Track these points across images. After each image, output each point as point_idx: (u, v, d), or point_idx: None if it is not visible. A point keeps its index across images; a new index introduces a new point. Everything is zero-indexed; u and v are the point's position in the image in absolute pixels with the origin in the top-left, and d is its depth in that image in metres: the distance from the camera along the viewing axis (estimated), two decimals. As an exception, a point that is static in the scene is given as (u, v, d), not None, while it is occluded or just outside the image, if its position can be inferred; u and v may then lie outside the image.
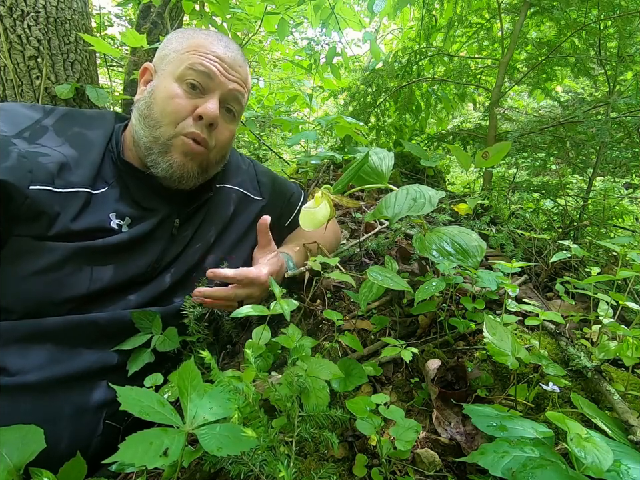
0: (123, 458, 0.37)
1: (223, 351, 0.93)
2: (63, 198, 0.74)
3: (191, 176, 0.84)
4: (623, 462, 0.47)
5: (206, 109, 0.80)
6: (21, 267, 0.70)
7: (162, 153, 0.81)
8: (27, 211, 0.70)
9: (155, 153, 0.81)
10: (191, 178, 0.85)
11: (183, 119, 0.80)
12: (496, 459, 0.47)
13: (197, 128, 0.81)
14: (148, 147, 0.82)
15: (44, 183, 0.72)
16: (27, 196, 0.69)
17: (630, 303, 0.75)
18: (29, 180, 0.70)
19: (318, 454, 0.61)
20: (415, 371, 0.79)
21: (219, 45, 0.84)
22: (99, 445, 0.72)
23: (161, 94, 0.81)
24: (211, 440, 0.43)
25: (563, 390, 0.69)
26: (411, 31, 2.56)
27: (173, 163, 0.81)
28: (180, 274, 0.87)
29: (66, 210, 0.74)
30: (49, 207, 0.71)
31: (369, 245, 1.23)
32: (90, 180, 0.78)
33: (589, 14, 1.41)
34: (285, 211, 1.15)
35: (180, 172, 0.82)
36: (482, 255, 0.77)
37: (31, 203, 0.70)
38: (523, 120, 1.80)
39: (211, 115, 0.80)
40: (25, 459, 0.53)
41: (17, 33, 1.42)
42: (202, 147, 0.83)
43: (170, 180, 0.83)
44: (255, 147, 3.22)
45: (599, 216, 1.32)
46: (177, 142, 0.81)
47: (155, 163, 0.82)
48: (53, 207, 0.72)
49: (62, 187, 0.74)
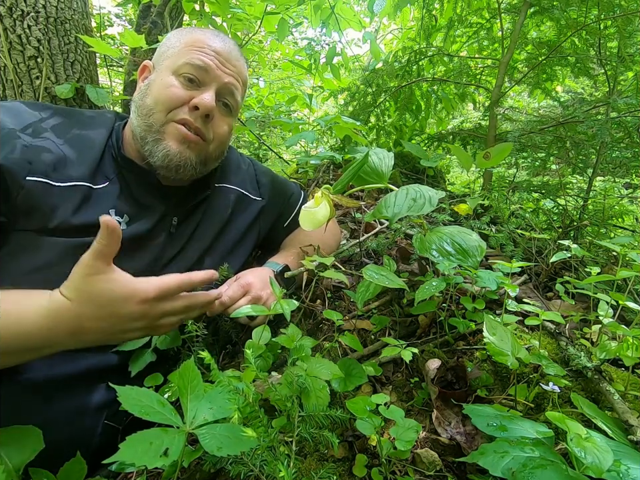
0: (123, 458, 0.37)
1: (223, 351, 0.93)
2: (61, 192, 0.74)
3: (188, 165, 0.83)
4: (623, 462, 0.47)
5: (202, 99, 0.80)
6: (22, 262, 0.70)
7: (156, 140, 0.81)
8: (21, 203, 0.70)
9: (149, 142, 0.81)
10: (189, 168, 0.83)
11: (177, 107, 0.81)
12: (496, 459, 0.47)
13: (191, 116, 0.81)
14: (142, 136, 0.82)
15: (41, 175, 0.72)
16: (22, 186, 0.69)
17: (630, 303, 0.75)
18: (27, 170, 0.70)
19: (318, 454, 0.61)
20: (415, 370, 0.79)
21: (215, 39, 0.86)
22: (99, 445, 0.72)
23: (157, 85, 0.82)
24: (211, 440, 0.43)
25: (563, 390, 0.69)
26: (411, 30, 2.56)
27: (168, 151, 0.80)
28: (180, 271, 0.87)
29: (65, 204, 0.74)
30: (44, 200, 0.71)
31: (369, 245, 1.23)
32: (90, 175, 0.78)
33: (589, 14, 1.41)
34: (284, 211, 1.15)
35: (177, 160, 0.81)
36: (482, 254, 0.77)
37: (26, 194, 0.70)
38: (523, 120, 1.80)
39: (206, 105, 0.80)
40: (24, 459, 0.53)
41: (17, 33, 1.42)
42: (197, 136, 0.82)
43: (167, 170, 0.82)
44: (255, 147, 3.22)
45: (598, 216, 1.32)
46: (169, 128, 0.81)
47: (151, 152, 0.81)
48: (50, 201, 0.72)
49: (60, 180, 0.74)
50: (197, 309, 0.73)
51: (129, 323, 0.64)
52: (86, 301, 0.60)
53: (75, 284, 0.60)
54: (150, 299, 0.64)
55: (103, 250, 0.60)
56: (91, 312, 0.60)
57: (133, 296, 0.62)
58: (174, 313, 0.69)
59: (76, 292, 0.60)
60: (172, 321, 0.70)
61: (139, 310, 0.63)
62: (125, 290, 0.62)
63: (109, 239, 0.60)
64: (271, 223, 1.12)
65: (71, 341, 0.62)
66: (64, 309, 0.60)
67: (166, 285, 0.66)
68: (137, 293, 0.63)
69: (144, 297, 0.63)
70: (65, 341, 0.62)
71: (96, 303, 0.61)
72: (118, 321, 0.63)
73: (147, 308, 0.64)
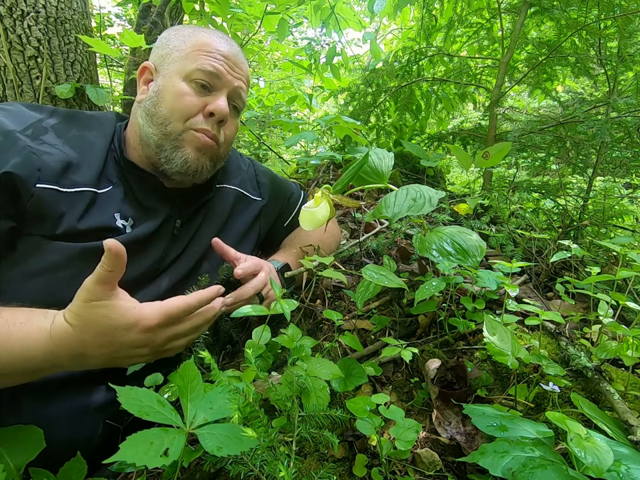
0: (123, 458, 0.37)
1: (223, 351, 0.93)
2: (68, 198, 0.74)
3: (204, 169, 0.86)
4: (623, 462, 0.47)
5: (218, 106, 0.82)
6: (28, 266, 0.70)
7: (174, 148, 0.82)
8: (30, 210, 0.70)
9: (167, 149, 0.82)
10: (204, 172, 0.86)
11: (193, 116, 0.82)
12: (496, 459, 0.47)
13: (208, 125, 0.83)
14: (159, 144, 0.82)
15: (51, 182, 0.72)
16: (32, 194, 0.70)
17: (630, 303, 0.75)
18: (36, 178, 0.71)
19: (318, 454, 0.61)
20: (415, 370, 0.79)
21: (221, 42, 0.86)
22: (99, 445, 0.72)
23: (169, 92, 0.82)
24: (211, 440, 0.43)
25: (563, 390, 0.69)
26: (411, 30, 2.55)
27: (187, 158, 0.82)
28: (180, 275, 0.87)
29: (72, 210, 0.74)
30: (53, 206, 0.72)
31: (369, 244, 1.23)
32: (94, 179, 0.79)
33: (589, 14, 1.41)
34: (284, 211, 1.15)
35: (195, 166, 0.83)
36: (482, 254, 0.77)
37: (35, 201, 0.70)
38: (523, 120, 1.80)
39: (222, 112, 0.82)
40: (25, 459, 0.53)
41: (17, 33, 1.42)
42: (212, 141, 0.84)
43: (185, 175, 0.84)
44: (255, 147, 3.22)
45: (598, 216, 1.32)
46: (188, 136, 0.82)
47: (169, 159, 0.82)
48: (58, 207, 0.72)
49: (68, 186, 0.75)
50: (206, 325, 0.71)
51: (131, 350, 0.62)
52: (86, 327, 0.58)
53: (76, 309, 0.59)
54: (153, 327, 0.61)
55: (105, 275, 0.58)
56: (91, 339, 0.59)
57: (134, 324, 0.60)
58: (181, 335, 0.67)
59: (77, 318, 0.58)
60: (180, 344, 0.68)
61: (141, 338, 0.61)
62: (126, 318, 0.60)
63: (113, 264, 0.58)
64: (271, 223, 1.12)
65: (74, 364, 0.61)
66: (66, 335, 0.58)
67: (170, 311, 0.63)
68: (139, 321, 0.60)
69: (147, 326, 0.61)
70: (68, 363, 0.61)
71: (97, 331, 0.59)
72: (120, 348, 0.61)
73: (151, 336, 0.62)
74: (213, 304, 0.71)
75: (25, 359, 0.57)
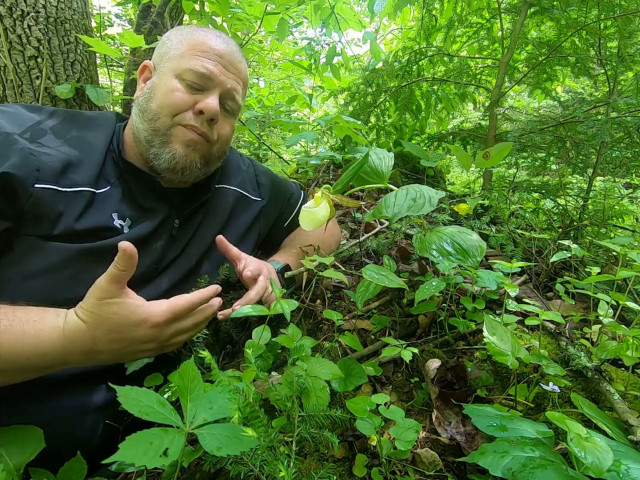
0: (123, 458, 0.37)
1: (223, 351, 0.93)
2: (67, 197, 0.74)
3: (194, 167, 0.85)
4: (623, 462, 0.47)
5: (207, 104, 0.81)
6: (26, 266, 0.70)
7: (163, 143, 0.82)
8: (28, 210, 0.70)
9: (156, 145, 0.82)
10: (194, 169, 0.85)
11: (182, 112, 0.82)
12: (496, 459, 0.47)
13: (197, 122, 0.82)
14: (149, 139, 0.82)
15: (49, 181, 0.72)
16: (30, 194, 0.70)
17: (630, 303, 0.75)
18: (35, 178, 0.71)
19: (318, 454, 0.61)
20: (415, 370, 0.79)
21: (218, 41, 0.86)
22: (99, 445, 0.72)
23: (161, 89, 0.82)
24: (211, 440, 0.43)
25: (562, 390, 0.69)
26: (411, 30, 2.55)
27: (175, 154, 0.82)
28: (179, 275, 0.87)
29: (70, 209, 0.74)
30: (52, 206, 0.72)
31: (369, 244, 1.23)
32: (93, 179, 0.79)
33: (589, 14, 1.41)
34: (284, 211, 1.15)
35: (183, 162, 0.83)
36: (482, 254, 0.77)
37: (34, 202, 0.70)
38: (523, 120, 1.80)
39: (211, 111, 0.82)
40: (24, 459, 0.53)
41: (17, 33, 1.42)
42: (201, 137, 0.84)
43: (173, 172, 0.83)
44: (255, 147, 3.22)
45: (598, 216, 1.32)
46: (176, 132, 0.82)
47: (157, 155, 0.82)
48: (56, 207, 0.72)
49: (67, 186, 0.75)
50: (205, 322, 0.76)
51: (140, 345, 0.67)
52: (99, 324, 0.62)
53: (90, 307, 0.62)
54: (161, 323, 0.66)
55: (119, 275, 0.62)
56: (103, 335, 0.62)
57: (144, 321, 0.64)
58: (183, 331, 0.72)
59: (90, 315, 0.62)
60: (182, 339, 0.73)
61: (150, 334, 0.66)
62: (136, 315, 0.64)
63: (127, 264, 0.62)
64: (271, 223, 1.12)
65: (84, 360, 0.65)
66: (78, 331, 0.62)
67: (176, 309, 0.68)
68: (148, 318, 0.65)
69: (155, 322, 0.65)
70: (79, 359, 0.64)
71: (108, 327, 0.63)
72: (130, 343, 0.65)
73: (158, 331, 0.67)
74: (211, 302, 0.75)
75: (39, 355, 0.60)
